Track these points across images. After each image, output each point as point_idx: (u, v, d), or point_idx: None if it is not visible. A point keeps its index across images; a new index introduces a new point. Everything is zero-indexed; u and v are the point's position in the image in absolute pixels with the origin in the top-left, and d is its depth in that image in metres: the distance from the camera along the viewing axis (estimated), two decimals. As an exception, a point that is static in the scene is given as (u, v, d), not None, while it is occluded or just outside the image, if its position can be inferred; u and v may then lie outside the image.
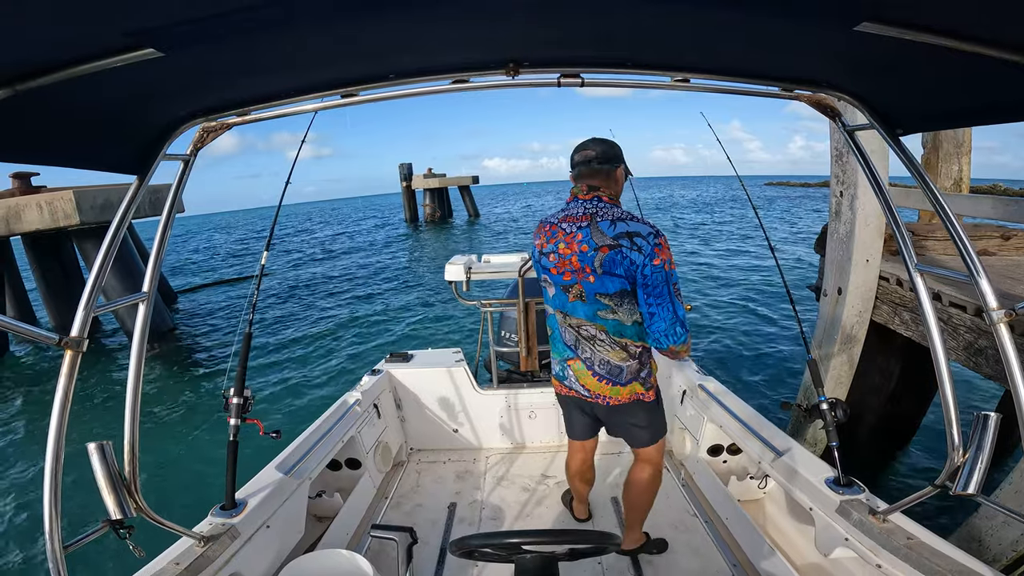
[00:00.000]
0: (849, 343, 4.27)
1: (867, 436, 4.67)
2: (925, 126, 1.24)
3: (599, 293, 1.73)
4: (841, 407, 1.86)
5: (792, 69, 1.10)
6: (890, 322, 4.01)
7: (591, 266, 1.71)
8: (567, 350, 1.90)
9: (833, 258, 4.38)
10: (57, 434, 1.07)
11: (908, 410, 4.71)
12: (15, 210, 9.32)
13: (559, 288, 1.83)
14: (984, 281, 1.12)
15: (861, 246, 4.08)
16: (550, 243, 1.82)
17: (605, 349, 1.81)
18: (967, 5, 0.68)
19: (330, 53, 0.97)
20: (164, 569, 1.50)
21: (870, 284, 4.15)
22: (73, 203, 9.20)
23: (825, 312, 4.49)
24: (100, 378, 8.99)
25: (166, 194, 1.33)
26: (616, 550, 1.09)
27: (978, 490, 1.22)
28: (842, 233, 4.24)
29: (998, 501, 1.26)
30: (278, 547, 1.96)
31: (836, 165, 4.26)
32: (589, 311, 1.78)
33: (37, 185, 10.16)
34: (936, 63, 0.83)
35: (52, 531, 1.06)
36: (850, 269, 4.13)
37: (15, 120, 0.86)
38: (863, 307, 4.19)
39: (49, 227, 9.39)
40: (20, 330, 1.02)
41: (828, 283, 4.46)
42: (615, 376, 1.84)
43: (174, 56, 0.77)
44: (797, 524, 2.24)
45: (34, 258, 10.97)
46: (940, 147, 5.13)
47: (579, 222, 1.74)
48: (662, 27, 0.95)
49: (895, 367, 4.45)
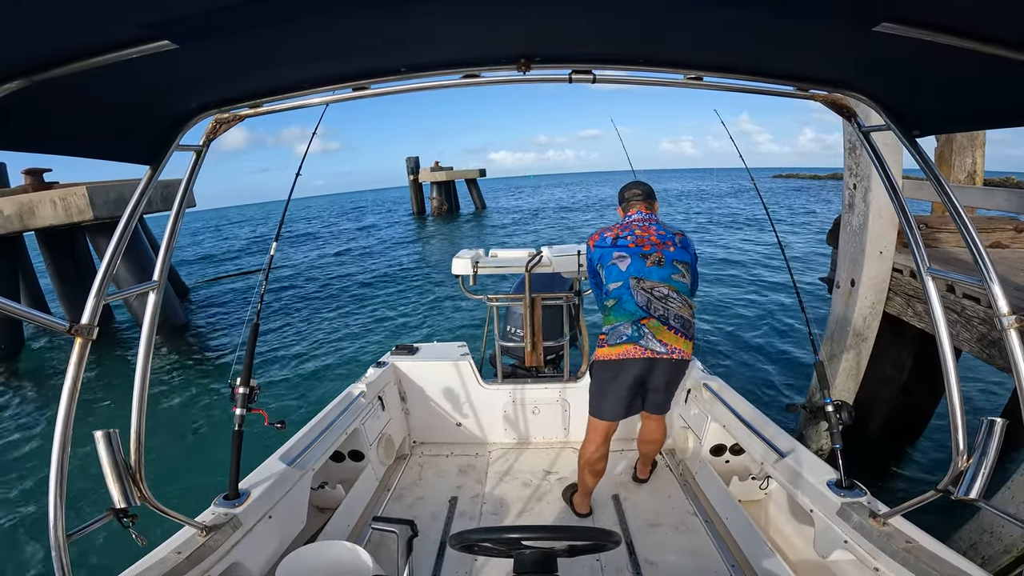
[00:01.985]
0: (862, 335, 4.28)
1: (878, 428, 4.67)
2: (943, 128, 1.23)
3: (676, 260, 2.25)
4: (846, 409, 1.86)
5: (808, 69, 1.09)
6: (903, 314, 4.01)
7: (672, 241, 2.29)
8: (639, 311, 2.19)
9: (846, 250, 4.37)
10: (65, 422, 1.08)
11: (920, 402, 4.70)
12: (29, 206, 9.36)
13: (636, 256, 2.25)
14: (996, 286, 1.11)
15: (874, 238, 4.06)
16: (624, 231, 2.34)
17: (678, 305, 2.20)
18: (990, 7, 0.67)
19: (342, 46, 0.96)
20: (166, 558, 1.51)
21: (883, 276, 4.14)
22: (87, 199, 9.22)
23: (838, 304, 4.49)
24: (111, 368, 9.06)
25: (177, 188, 1.33)
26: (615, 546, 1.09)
27: (980, 496, 1.21)
28: (855, 225, 4.23)
29: (999, 507, 1.25)
30: (280, 537, 1.98)
31: (850, 158, 4.24)
32: (665, 274, 2.22)
33: (50, 181, 10.14)
34: (956, 65, 0.82)
35: (56, 519, 1.07)
36: (863, 261, 4.12)
37: (31, 111, 0.86)
38: (876, 299, 4.18)
39: (63, 222, 9.41)
40: (31, 317, 1.03)
41: (841, 275, 4.45)
42: (687, 329, 2.21)
43: (189, 48, 0.76)
44: (797, 525, 2.24)
45: (48, 253, 11.01)
46: (954, 139, 5.05)
47: (650, 221, 2.38)
48: (675, 24, 0.94)
49: (907, 359, 4.45)
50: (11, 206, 9.40)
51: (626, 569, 2.18)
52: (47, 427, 6.94)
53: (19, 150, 0.96)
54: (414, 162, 34.01)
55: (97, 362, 9.22)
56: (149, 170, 1.19)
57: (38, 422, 7.21)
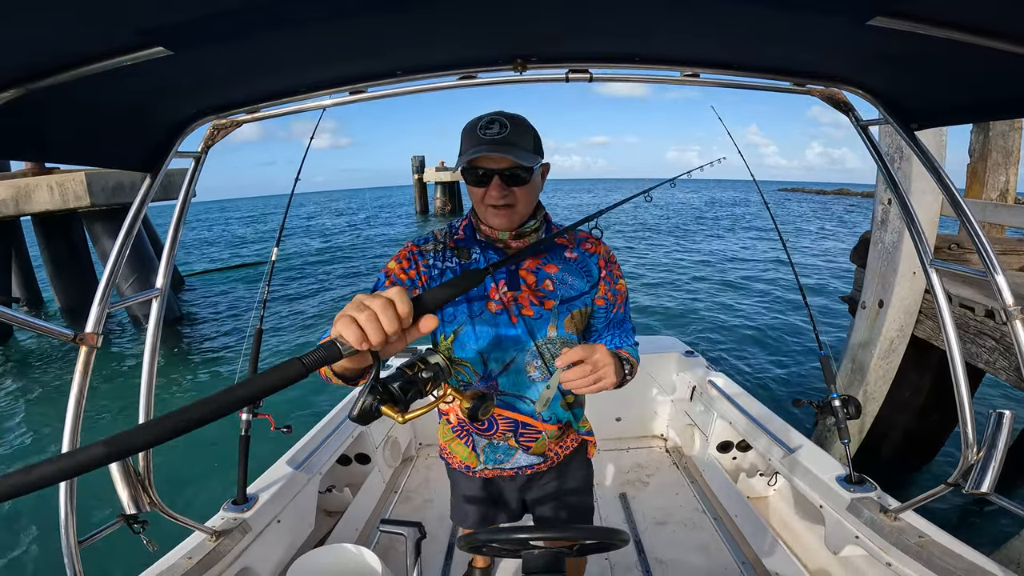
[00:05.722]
0: (887, 357, 4.06)
1: (892, 450, 4.51)
2: (940, 120, 1.21)
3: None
4: (853, 403, 1.85)
5: (804, 63, 1.08)
6: (933, 337, 3.79)
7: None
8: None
9: (875, 269, 4.09)
10: (73, 429, 1.09)
11: (936, 424, 4.51)
12: (25, 190, 9.20)
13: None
14: (1000, 277, 1.10)
15: (908, 257, 3.79)
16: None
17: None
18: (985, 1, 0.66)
19: (338, 50, 0.96)
20: (176, 564, 1.52)
21: (916, 297, 3.90)
22: (84, 185, 9.09)
23: (861, 326, 4.25)
24: (113, 371, 9.10)
25: (178, 178, 1.34)
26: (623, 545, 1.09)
27: (991, 489, 1.20)
28: (887, 243, 3.97)
29: (1009, 499, 1.24)
30: (288, 541, 1.99)
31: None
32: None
33: (50, 166, 9.97)
34: (951, 57, 0.81)
35: (67, 526, 1.08)
36: (895, 281, 3.88)
37: (27, 119, 0.87)
38: (906, 321, 3.95)
39: (60, 208, 9.26)
40: (36, 327, 1.04)
41: (867, 295, 4.18)
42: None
43: (185, 54, 0.77)
44: (807, 522, 2.23)
45: (43, 239, 10.84)
46: (988, 156, 4.78)
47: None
48: (671, 21, 0.94)
49: (926, 382, 4.25)
50: (7, 190, 9.25)
51: (635, 568, 2.17)
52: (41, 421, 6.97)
53: (15, 159, 0.97)
54: (419, 161, 34.09)
55: (99, 366, 9.26)
56: (148, 177, 1.20)
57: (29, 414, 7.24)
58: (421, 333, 0.74)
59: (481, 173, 1.11)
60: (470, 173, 1.13)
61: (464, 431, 1.36)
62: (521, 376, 1.24)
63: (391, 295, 0.69)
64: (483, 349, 1.23)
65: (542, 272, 1.24)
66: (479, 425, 1.31)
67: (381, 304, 0.68)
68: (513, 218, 1.17)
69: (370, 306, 0.67)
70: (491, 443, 1.33)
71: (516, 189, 1.13)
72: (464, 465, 1.40)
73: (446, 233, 1.29)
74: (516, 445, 1.32)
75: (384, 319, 0.67)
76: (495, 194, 1.12)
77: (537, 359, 1.23)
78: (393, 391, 0.76)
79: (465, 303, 1.22)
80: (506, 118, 1.11)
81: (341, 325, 0.67)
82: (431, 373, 0.80)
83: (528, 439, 1.32)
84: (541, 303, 1.22)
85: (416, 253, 1.25)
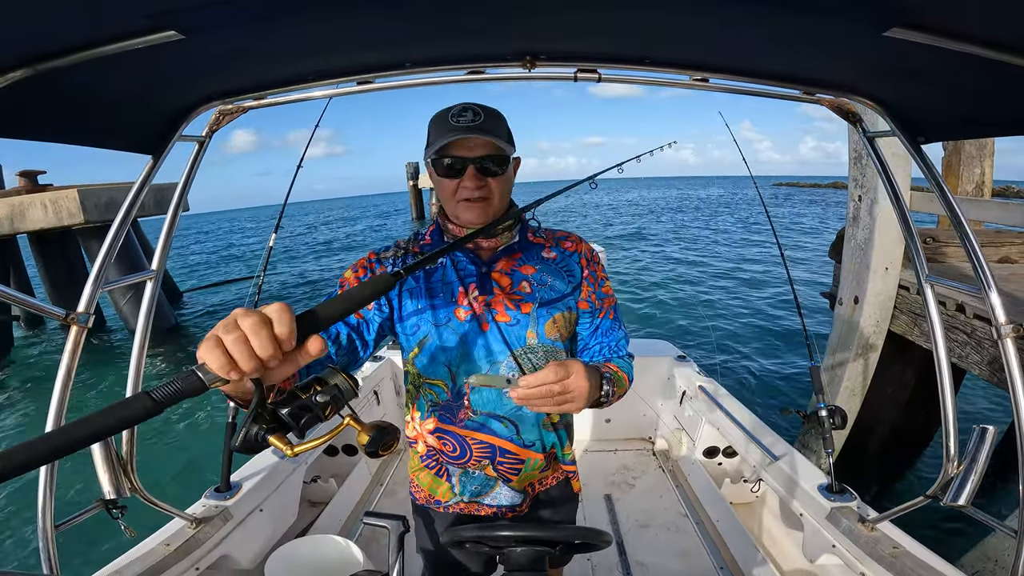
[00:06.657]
0: (865, 353, 4.10)
1: (878, 447, 4.56)
2: (949, 135, 1.22)
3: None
4: (839, 414, 1.87)
5: (815, 72, 1.08)
6: (909, 333, 3.85)
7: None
8: None
9: (850, 265, 4.16)
10: (58, 410, 1.06)
11: (921, 422, 4.56)
12: (20, 208, 9.20)
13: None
14: (994, 294, 1.12)
15: (880, 253, 3.87)
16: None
17: None
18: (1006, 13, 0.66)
19: (347, 40, 0.95)
20: (154, 550, 1.50)
21: (889, 293, 3.96)
22: (77, 202, 9.07)
23: (840, 322, 4.30)
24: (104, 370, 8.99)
25: (171, 193, 1.32)
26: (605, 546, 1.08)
27: (968, 502, 1.22)
28: (860, 239, 4.03)
29: (985, 515, 1.26)
30: (270, 531, 1.97)
31: (855, 168, 4.04)
32: None
33: (44, 184, 9.98)
34: (966, 71, 0.81)
35: (45, 509, 1.06)
36: (868, 277, 3.93)
37: (34, 99, 0.85)
38: (881, 317, 4.00)
39: (54, 226, 9.27)
40: (26, 303, 1.02)
41: (844, 291, 4.25)
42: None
43: (195, 38, 0.76)
44: (787, 529, 2.25)
45: (39, 256, 10.83)
46: (962, 149, 4.85)
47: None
48: (682, 24, 0.94)
49: (910, 378, 4.30)
50: (1, 208, 9.26)
51: (616, 569, 2.19)
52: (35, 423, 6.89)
53: (23, 138, 0.94)
54: (414, 168, 34.06)
55: (88, 365, 9.15)
56: (151, 160, 1.18)
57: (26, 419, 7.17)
58: (311, 356, 0.62)
59: (454, 162, 1.03)
60: (440, 164, 1.04)
61: (434, 460, 1.22)
62: (496, 392, 1.10)
63: (270, 312, 0.58)
64: (450, 362, 1.10)
65: (518, 274, 1.13)
66: (449, 451, 1.17)
67: (252, 324, 0.56)
68: (488, 212, 1.08)
69: (241, 326, 0.56)
70: (466, 471, 1.18)
71: (491, 180, 1.05)
72: (434, 499, 1.26)
73: (410, 240, 1.19)
74: (495, 475, 1.17)
75: (256, 343, 0.56)
76: (470, 184, 1.03)
77: (516, 371, 1.08)
78: (283, 418, 0.65)
79: (429, 310, 1.10)
80: (479, 107, 1.04)
81: (204, 349, 0.56)
82: (328, 396, 0.70)
83: (509, 469, 1.15)
84: (518, 307, 1.10)
85: (374, 261, 1.14)
